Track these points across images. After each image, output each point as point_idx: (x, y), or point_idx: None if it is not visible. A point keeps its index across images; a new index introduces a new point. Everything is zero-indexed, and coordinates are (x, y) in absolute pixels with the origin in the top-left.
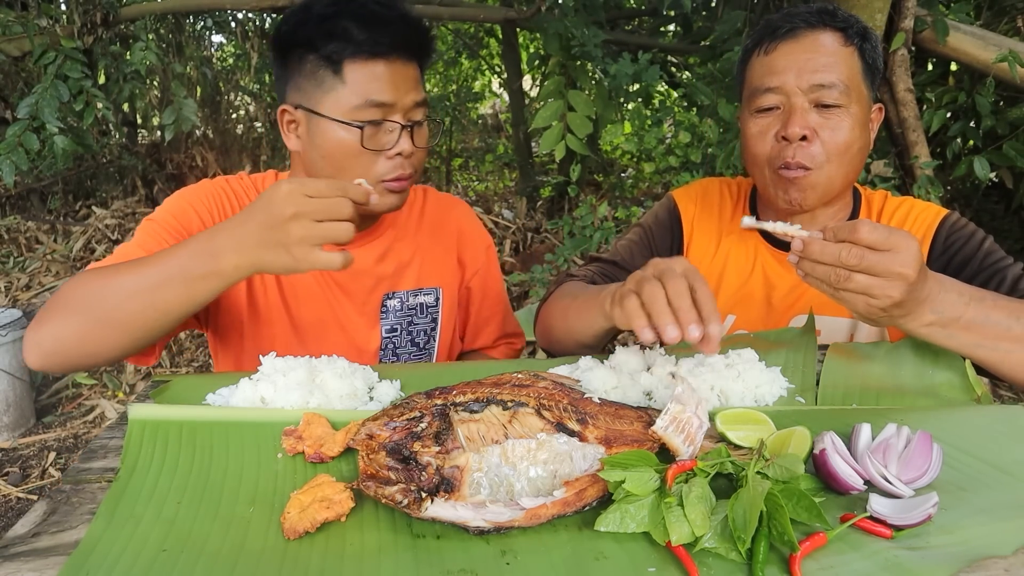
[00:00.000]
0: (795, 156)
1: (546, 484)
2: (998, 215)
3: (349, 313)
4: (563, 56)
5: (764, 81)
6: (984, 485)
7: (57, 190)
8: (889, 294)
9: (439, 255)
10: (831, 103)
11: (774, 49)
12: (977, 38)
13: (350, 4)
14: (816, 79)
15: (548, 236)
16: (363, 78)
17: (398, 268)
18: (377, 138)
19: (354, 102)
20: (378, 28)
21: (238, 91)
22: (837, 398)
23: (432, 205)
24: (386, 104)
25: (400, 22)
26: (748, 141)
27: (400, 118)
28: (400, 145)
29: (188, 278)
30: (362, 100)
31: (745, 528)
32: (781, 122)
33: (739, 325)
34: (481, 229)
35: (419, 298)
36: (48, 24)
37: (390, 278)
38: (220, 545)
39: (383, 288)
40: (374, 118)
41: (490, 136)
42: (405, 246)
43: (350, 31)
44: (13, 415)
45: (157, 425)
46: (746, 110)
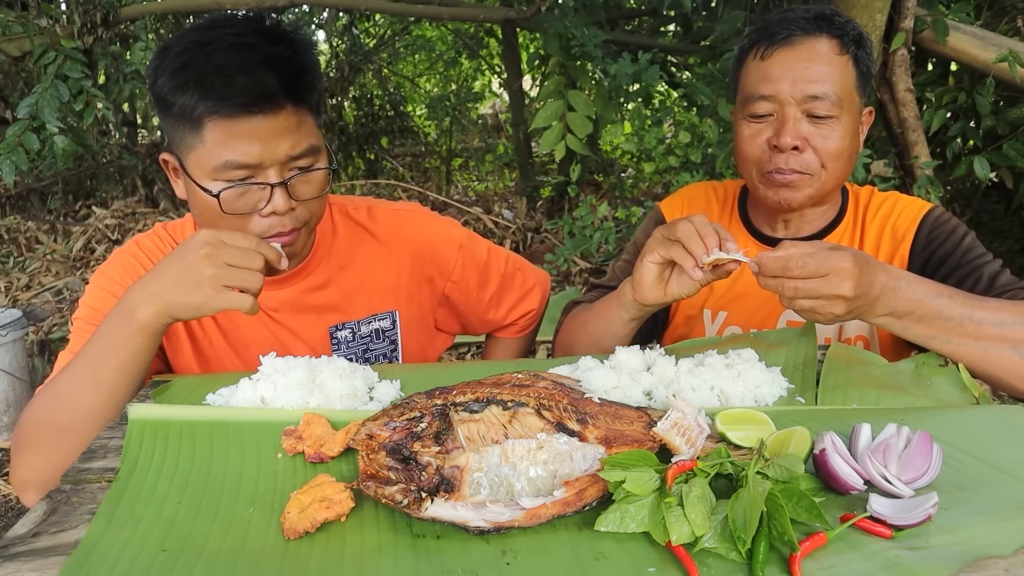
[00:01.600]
0: (787, 163)
1: (546, 484)
2: (998, 215)
3: (297, 347)
4: (563, 56)
5: (758, 88)
6: (984, 485)
7: (57, 190)
8: (832, 311)
9: (391, 277)
10: (823, 114)
11: (770, 55)
12: (977, 38)
13: (203, 49)
14: (810, 90)
15: (548, 236)
16: (222, 136)
17: (343, 297)
18: (244, 199)
19: (215, 163)
20: (234, 79)
21: None
22: (837, 398)
23: (381, 225)
24: (249, 165)
25: (264, 66)
26: (740, 143)
27: (273, 174)
28: (272, 204)
29: (116, 346)
30: (222, 162)
31: (745, 528)
32: (773, 130)
33: (731, 321)
34: (444, 231)
35: (373, 324)
36: (48, 24)
37: (335, 309)
38: (220, 545)
39: (329, 320)
40: (236, 179)
41: (490, 136)
42: (349, 274)
43: (202, 85)
44: (13, 415)
45: (157, 425)
46: (739, 112)
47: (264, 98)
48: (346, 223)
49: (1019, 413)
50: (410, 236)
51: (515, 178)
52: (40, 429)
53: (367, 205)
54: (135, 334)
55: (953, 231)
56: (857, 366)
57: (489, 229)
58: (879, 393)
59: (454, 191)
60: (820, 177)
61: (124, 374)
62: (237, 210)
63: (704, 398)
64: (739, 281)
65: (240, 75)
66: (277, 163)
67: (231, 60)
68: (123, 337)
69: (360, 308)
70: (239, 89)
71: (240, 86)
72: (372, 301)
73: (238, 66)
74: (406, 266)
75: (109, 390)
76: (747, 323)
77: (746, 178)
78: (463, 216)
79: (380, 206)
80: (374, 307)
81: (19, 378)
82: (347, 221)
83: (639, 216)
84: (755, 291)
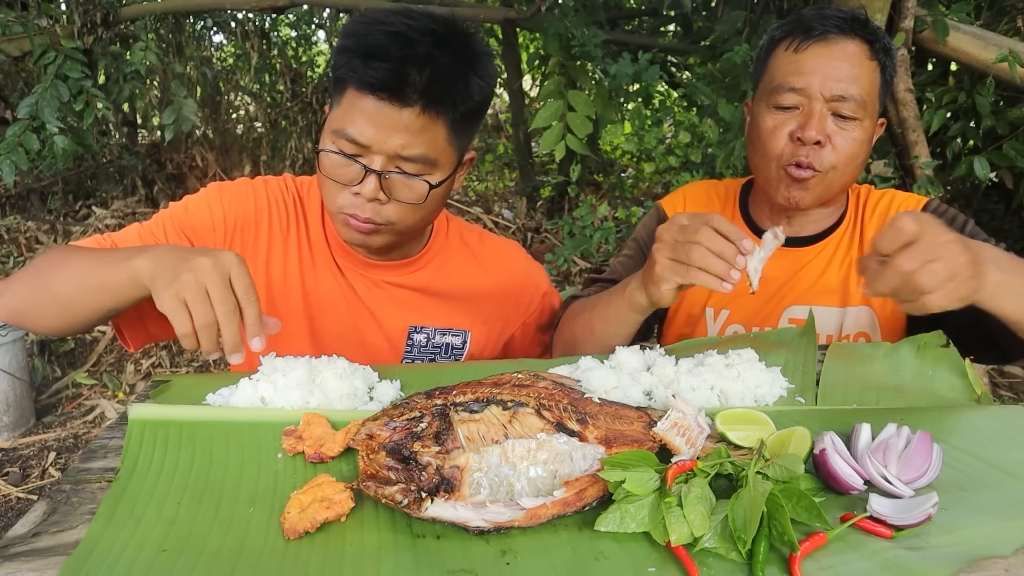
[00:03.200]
0: (808, 157)
1: (546, 484)
2: (998, 215)
3: (374, 333)
4: (563, 56)
5: (789, 79)
6: (984, 485)
7: (57, 190)
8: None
9: (477, 301)
10: (848, 115)
11: (804, 49)
12: (977, 38)
13: (377, 25)
14: (840, 89)
15: (548, 236)
16: (351, 108)
17: (432, 303)
18: (342, 171)
19: (336, 127)
20: (375, 62)
21: (238, 91)
22: (837, 398)
23: (488, 251)
24: (359, 143)
25: (412, 62)
26: (761, 134)
27: (379, 162)
28: (362, 187)
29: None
30: (340, 128)
31: (746, 529)
32: (798, 123)
33: (733, 320)
34: (535, 276)
35: (446, 338)
36: (48, 24)
37: (421, 311)
38: (220, 545)
39: (412, 319)
40: (342, 150)
41: (490, 136)
42: (445, 284)
43: (354, 54)
44: (13, 415)
45: (157, 425)
46: (763, 102)
47: (394, 88)
48: (459, 241)
49: (1019, 413)
50: (509, 268)
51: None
52: (39, 273)
53: (479, 232)
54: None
55: (953, 219)
56: (857, 366)
57: (489, 229)
58: (879, 393)
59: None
60: (830, 177)
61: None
62: (332, 176)
63: (704, 398)
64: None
65: (382, 60)
66: (384, 153)
67: (385, 43)
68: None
69: (441, 317)
70: (374, 71)
71: (376, 68)
72: (453, 315)
73: (387, 51)
74: (495, 295)
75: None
76: (749, 321)
77: (760, 172)
78: (463, 216)
79: (490, 237)
80: (453, 322)
81: (19, 378)
82: (460, 240)
83: (639, 216)
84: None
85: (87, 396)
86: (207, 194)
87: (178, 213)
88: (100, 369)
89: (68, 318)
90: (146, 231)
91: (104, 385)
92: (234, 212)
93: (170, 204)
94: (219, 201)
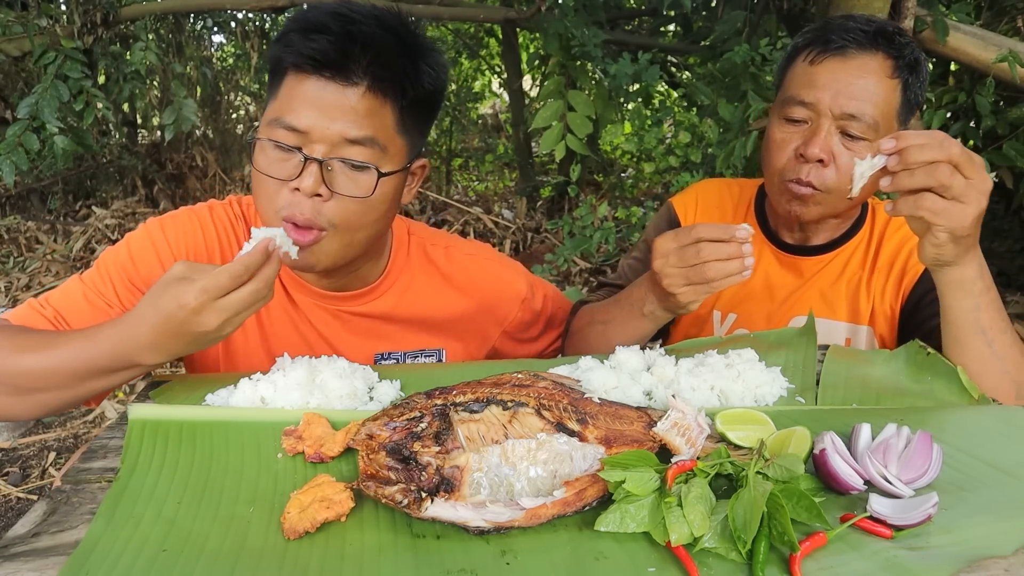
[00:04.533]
0: (808, 175)
1: (546, 484)
2: (998, 215)
3: None
4: (563, 56)
5: (800, 93)
6: (984, 485)
7: (57, 190)
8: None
9: (451, 321)
10: (856, 135)
11: (820, 62)
12: (977, 38)
13: (313, 9)
14: (850, 108)
15: (548, 236)
16: (289, 94)
17: (398, 329)
18: (280, 165)
19: (272, 117)
20: (317, 37)
21: (238, 91)
22: (837, 398)
23: (456, 268)
24: (298, 129)
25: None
26: (769, 146)
27: (320, 151)
28: (301, 179)
29: (105, 372)
30: (276, 117)
31: (746, 529)
32: (803, 139)
33: (740, 324)
34: (512, 284)
35: (419, 359)
36: (48, 24)
37: (387, 338)
38: (220, 545)
39: (377, 347)
40: (284, 141)
41: (490, 136)
42: (411, 308)
43: (291, 36)
44: None
45: (157, 425)
46: (776, 113)
47: (337, 64)
48: (422, 260)
49: (1019, 413)
50: (481, 284)
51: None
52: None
53: (445, 243)
54: (132, 369)
55: None
56: (857, 366)
57: (489, 229)
58: (879, 393)
59: (454, 191)
60: (832, 197)
61: (105, 386)
62: (268, 171)
63: (704, 398)
64: (750, 283)
65: (325, 35)
66: (327, 140)
67: (327, 22)
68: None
69: (410, 340)
70: (315, 43)
71: (320, 43)
72: (423, 336)
73: (328, 26)
74: (469, 312)
75: (84, 391)
76: (756, 326)
77: (767, 180)
78: (463, 216)
79: (457, 247)
80: (424, 342)
81: None
82: (423, 257)
83: (639, 216)
84: (765, 293)
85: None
86: (148, 233)
87: (122, 261)
88: None
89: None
90: (92, 291)
91: None
92: (183, 246)
93: (108, 250)
94: (163, 239)
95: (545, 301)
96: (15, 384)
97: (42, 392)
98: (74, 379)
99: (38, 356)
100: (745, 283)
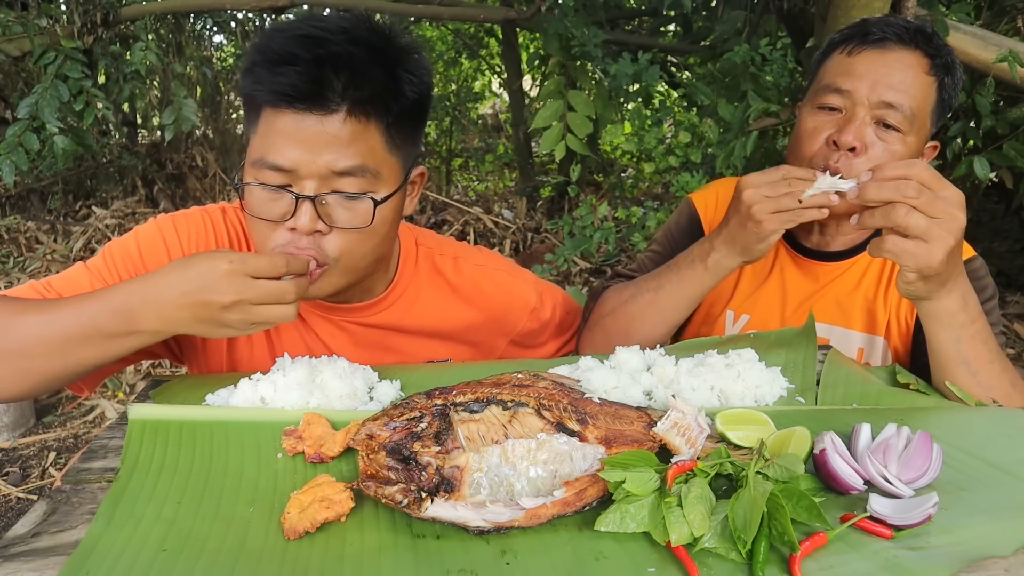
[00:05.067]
0: (838, 162)
1: (546, 484)
2: (998, 215)
3: None
4: (563, 56)
5: (837, 80)
6: (984, 485)
7: (57, 190)
8: (946, 236)
9: (458, 332)
10: (892, 125)
11: (858, 53)
12: (977, 38)
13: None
14: (887, 97)
15: (548, 236)
16: (267, 130)
17: (405, 340)
18: (272, 206)
19: (254, 157)
20: (286, 69)
21: (238, 91)
22: (837, 398)
23: (464, 280)
24: (283, 168)
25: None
26: (800, 134)
27: (311, 187)
28: (297, 218)
29: (102, 335)
30: (259, 157)
31: (746, 529)
32: (837, 126)
33: (752, 326)
34: (521, 295)
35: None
36: (48, 24)
37: (394, 351)
38: (220, 545)
39: (383, 359)
40: (271, 182)
41: (490, 136)
42: (419, 321)
43: (260, 69)
44: (13, 415)
45: (157, 425)
46: (808, 103)
47: (311, 95)
48: (431, 271)
49: (1019, 414)
50: (490, 296)
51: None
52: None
53: (453, 254)
54: (130, 337)
55: (983, 291)
56: (857, 366)
57: (489, 229)
58: (879, 393)
59: (454, 191)
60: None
61: (94, 357)
62: (261, 214)
63: (704, 398)
64: (765, 284)
65: (292, 67)
66: (316, 175)
67: (293, 49)
68: (114, 332)
69: (418, 352)
70: (284, 76)
71: (290, 76)
72: (431, 348)
73: (295, 55)
74: (477, 323)
75: (72, 361)
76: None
77: None
78: (463, 216)
79: (466, 257)
80: (431, 353)
81: None
82: (431, 269)
83: (639, 216)
84: (779, 297)
85: (87, 396)
86: (160, 228)
87: (130, 252)
88: None
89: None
90: (96, 277)
91: (104, 385)
92: (194, 244)
93: (115, 240)
94: (175, 234)
95: (554, 310)
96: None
97: (30, 358)
98: (67, 342)
99: (36, 317)
100: (760, 285)
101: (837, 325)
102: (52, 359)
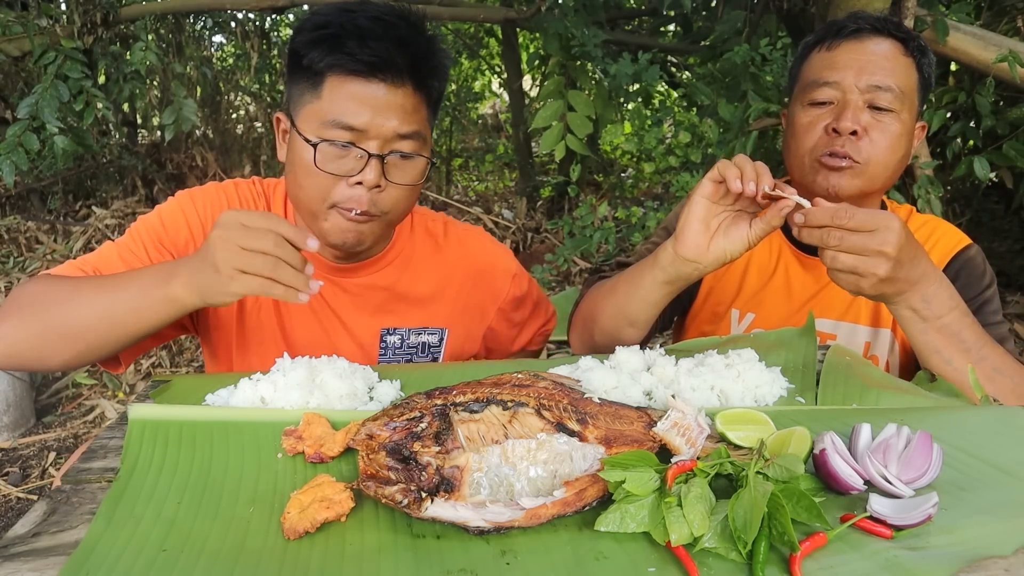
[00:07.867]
0: (843, 147)
1: (546, 484)
2: (998, 215)
3: (345, 341)
4: (563, 56)
5: (823, 75)
6: (984, 485)
7: (57, 190)
8: (874, 271)
9: (450, 294)
10: (885, 106)
11: (837, 46)
12: (977, 38)
13: (347, 14)
14: (875, 80)
15: (548, 236)
16: (338, 95)
17: (404, 303)
18: (340, 162)
19: (324, 119)
20: (365, 44)
21: (238, 91)
22: (837, 398)
23: (451, 242)
24: (356, 128)
25: (396, 42)
26: (796, 131)
27: (375, 146)
28: (364, 174)
29: (143, 302)
30: (330, 119)
31: (746, 529)
32: (833, 116)
33: (758, 324)
34: (502, 259)
35: (422, 337)
36: (48, 24)
37: (392, 313)
38: (220, 545)
39: (383, 322)
40: (339, 139)
41: (490, 136)
42: (413, 282)
43: (337, 40)
44: (13, 415)
45: (157, 425)
46: (797, 103)
47: (390, 67)
48: (423, 233)
49: (1019, 413)
50: (473, 257)
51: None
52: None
53: (443, 220)
54: (163, 302)
55: (980, 279)
56: (857, 366)
57: (489, 229)
58: (879, 393)
59: (454, 191)
60: (871, 169)
61: (138, 325)
62: (330, 169)
63: (704, 398)
64: (770, 283)
65: (375, 40)
66: (382, 136)
67: (370, 27)
68: (154, 298)
69: (414, 317)
70: (370, 51)
71: (372, 49)
72: (427, 314)
73: (375, 33)
74: (465, 287)
75: (117, 331)
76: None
77: (795, 169)
78: (463, 216)
79: (454, 224)
80: (427, 320)
81: (19, 378)
82: (424, 231)
83: (639, 216)
84: (784, 294)
85: (87, 396)
86: (179, 203)
87: (154, 226)
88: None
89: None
90: (125, 251)
91: (104, 385)
92: (210, 215)
93: (140, 218)
94: (193, 209)
95: (531, 285)
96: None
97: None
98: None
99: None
100: (765, 283)
101: (844, 320)
102: (99, 325)
